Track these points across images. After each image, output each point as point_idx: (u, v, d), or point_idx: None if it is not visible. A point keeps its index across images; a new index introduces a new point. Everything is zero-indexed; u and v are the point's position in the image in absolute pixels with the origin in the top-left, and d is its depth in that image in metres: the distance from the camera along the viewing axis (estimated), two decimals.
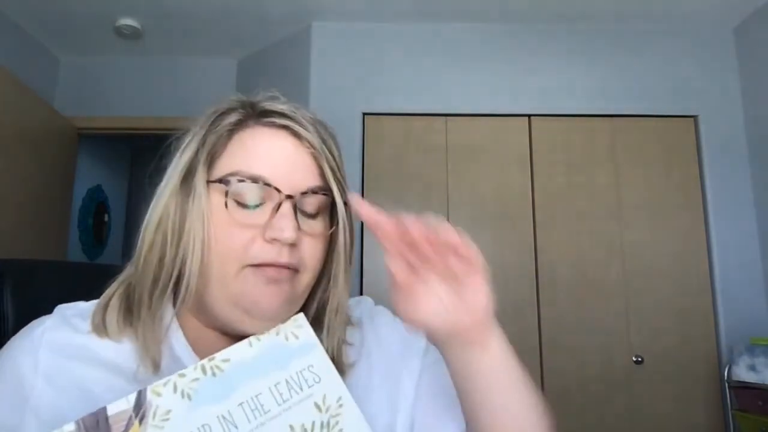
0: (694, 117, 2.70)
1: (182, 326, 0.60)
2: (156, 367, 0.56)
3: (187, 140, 0.60)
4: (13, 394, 0.54)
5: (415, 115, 2.68)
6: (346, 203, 0.61)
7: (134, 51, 3.08)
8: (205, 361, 0.48)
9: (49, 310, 0.61)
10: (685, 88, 2.72)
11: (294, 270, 0.57)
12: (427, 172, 2.62)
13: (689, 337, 2.49)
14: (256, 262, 0.55)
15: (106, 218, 4.05)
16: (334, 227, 0.61)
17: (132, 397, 0.45)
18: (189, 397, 0.47)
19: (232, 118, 0.59)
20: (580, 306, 2.51)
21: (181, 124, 0.64)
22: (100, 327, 0.58)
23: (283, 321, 0.59)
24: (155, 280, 0.57)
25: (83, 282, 0.62)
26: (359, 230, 2.56)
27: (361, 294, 2.49)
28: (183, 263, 0.56)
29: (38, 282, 0.76)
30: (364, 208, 0.51)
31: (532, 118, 2.69)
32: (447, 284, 0.54)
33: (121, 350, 0.57)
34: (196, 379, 0.47)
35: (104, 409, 0.45)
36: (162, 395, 0.46)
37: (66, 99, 3.12)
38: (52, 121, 2.86)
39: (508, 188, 2.61)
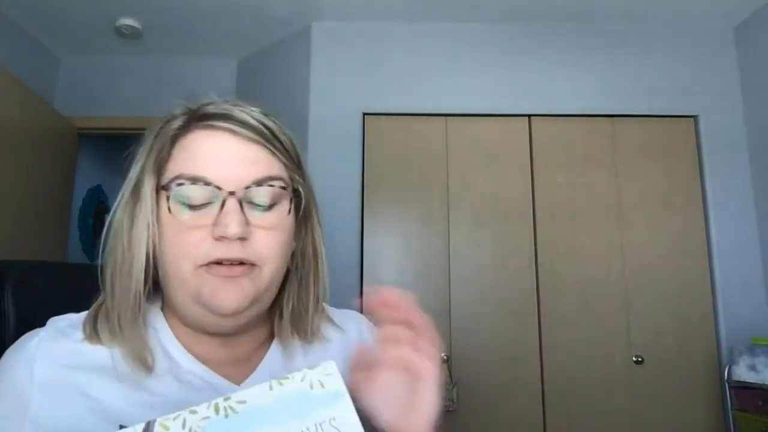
0: (694, 117, 2.70)
1: (171, 327, 0.63)
2: (148, 370, 0.58)
3: (139, 151, 0.63)
4: (12, 406, 0.54)
5: (415, 115, 2.68)
6: (296, 190, 0.62)
7: (134, 51, 3.08)
8: (220, 399, 0.47)
9: (49, 312, 0.61)
10: (685, 88, 2.72)
11: (251, 264, 0.58)
12: (427, 172, 2.62)
13: (689, 337, 2.49)
14: (208, 260, 0.56)
15: (106, 218, 4.05)
16: (293, 216, 0.62)
17: (139, 428, 0.44)
18: None
19: (175, 124, 0.61)
20: (580, 306, 2.51)
21: None
22: (93, 335, 0.59)
23: (249, 317, 0.60)
24: (123, 289, 0.58)
25: (84, 283, 0.63)
26: (359, 232, 2.56)
27: (362, 294, 2.49)
28: (138, 270, 0.58)
29: (39, 283, 0.77)
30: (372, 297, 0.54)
31: (532, 118, 2.69)
32: (405, 381, 0.53)
33: (114, 355, 0.58)
34: (207, 418, 0.45)
35: None
36: (170, 429, 0.45)
37: (66, 99, 3.12)
38: (52, 121, 2.86)
39: (508, 188, 2.61)
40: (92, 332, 0.59)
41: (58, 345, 0.58)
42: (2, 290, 0.73)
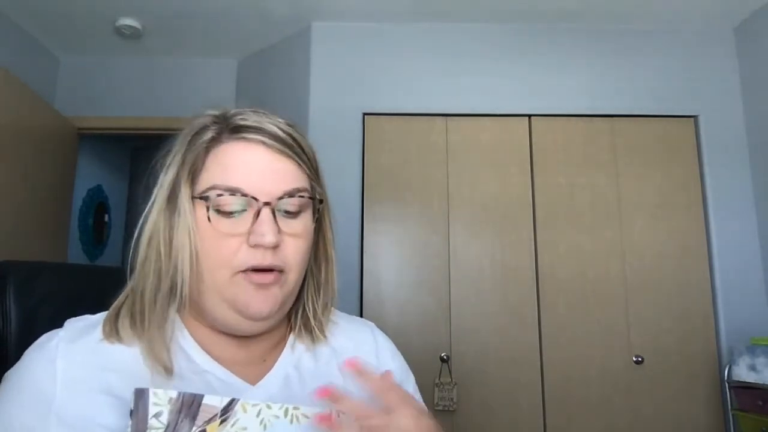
0: (694, 117, 2.70)
1: (188, 328, 0.65)
2: (168, 372, 0.59)
3: (169, 160, 0.65)
4: (35, 403, 0.56)
5: (415, 115, 2.68)
6: (322, 200, 0.67)
7: (134, 51, 3.08)
8: (290, 406, 0.52)
9: (51, 312, 0.62)
10: (685, 88, 2.72)
11: (279, 272, 0.62)
12: (427, 172, 2.62)
13: (689, 337, 2.49)
14: (244, 267, 0.60)
15: (106, 218, 4.05)
16: (314, 224, 0.66)
17: (225, 400, 0.50)
18: (264, 427, 0.50)
19: (207, 135, 0.64)
20: (580, 306, 2.51)
21: (181, 124, 0.68)
22: (113, 334, 0.61)
23: (275, 321, 0.64)
24: (155, 292, 0.61)
25: (86, 284, 0.63)
26: (359, 231, 2.56)
27: (362, 294, 2.49)
28: (176, 274, 0.60)
29: (41, 284, 0.77)
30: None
31: (532, 118, 2.69)
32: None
33: (134, 354, 0.60)
34: (277, 417, 0.51)
35: (202, 395, 0.49)
36: (247, 412, 0.50)
37: (66, 99, 3.12)
38: (52, 121, 2.86)
39: (508, 188, 2.61)
40: (112, 331, 0.61)
41: (78, 345, 0.59)
42: (4, 290, 0.73)
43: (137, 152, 4.40)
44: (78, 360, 0.58)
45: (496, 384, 2.43)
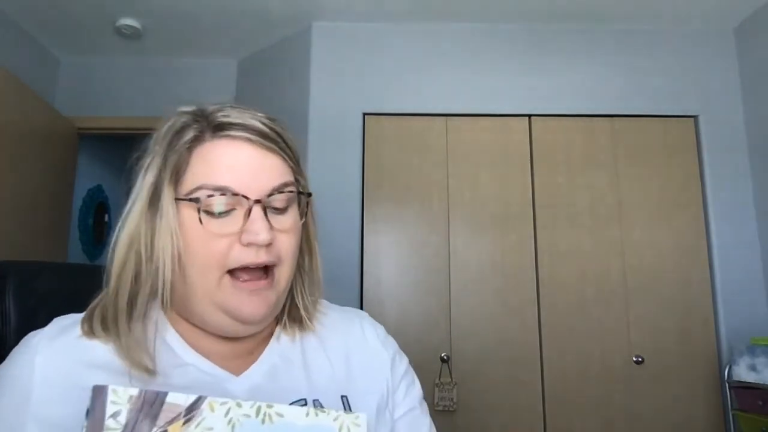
0: (694, 117, 2.70)
1: (172, 324, 0.64)
2: (148, 372, 0.58)
3: (148, 161, 0.63)
4: (14, 399, 0.56)
5: (415, 115, 2.68)
6: (310, 194, 0.66)
7: (134, 51, 3.08)
8: (263, 404, 0.50)
9: (50, 312, 0.62)
10: (685, 88, 2.72)
11: (273, 268, 0.61)
12: (427, 172, 2.62)
13: (689, 337, 2.49)
14: (236, 265, 0.59)
15: (106, 218, 4.05)
16: (303, 219, 0.66)
17: (191, 398, 0.47)
18: (233, 427, 0.48)
19: (189, 135, 0.62)
20: (580, 306, 2.51)
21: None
22: (90, 332, 0.60)
23: (269, 322, 0.64)
24: (133, 296, 0.60)
25: (85, 284, 0.63)
26: (359, 232, 2.56)
27: (362, 294, 2.49)
28: (157, 277, 0.59)
29: (41, 284, 0.77)
30: None
31: (532, 118, 2.69)
32: None
33: (112, 350, 0.59)
34: (247, 416, 0.49)
35: (166, 393, 0.47)
36: (214, 411, 0.48)
37: (66, 99, 3.12)
38: (52, 121, 2.86)
39: (508, 188, 2.61)
40: (90, 329, 0.60)
41: (58, 341, 0.59)
42: (4, 291, 0.73)
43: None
44: (57, 357, 0.58)
45: (496, 384, 2.43)
